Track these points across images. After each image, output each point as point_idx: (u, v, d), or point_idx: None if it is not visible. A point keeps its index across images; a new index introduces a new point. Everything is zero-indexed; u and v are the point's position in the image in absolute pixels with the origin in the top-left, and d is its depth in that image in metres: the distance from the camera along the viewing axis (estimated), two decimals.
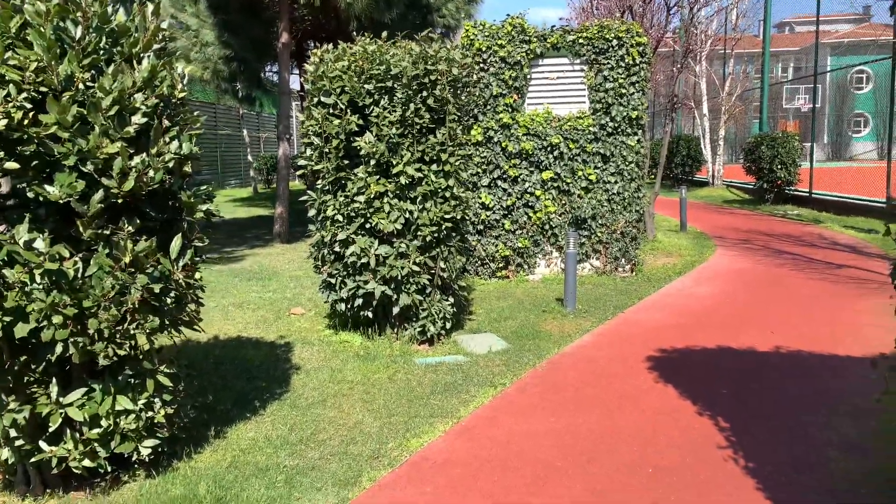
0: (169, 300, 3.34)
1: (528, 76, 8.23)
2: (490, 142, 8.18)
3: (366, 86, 5.48)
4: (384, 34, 5.65)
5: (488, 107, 8.15)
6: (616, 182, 8.30)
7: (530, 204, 8.24)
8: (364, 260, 5.47)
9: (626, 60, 8.14)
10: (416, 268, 5.50)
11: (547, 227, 8.29)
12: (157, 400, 3.37)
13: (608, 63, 8.15)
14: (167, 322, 3.38)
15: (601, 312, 6.71)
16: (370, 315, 5.72)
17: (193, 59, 14.50)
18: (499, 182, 8.22)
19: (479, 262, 8.32)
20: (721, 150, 21.48)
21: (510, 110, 8.16)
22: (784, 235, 11.63)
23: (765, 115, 19.37)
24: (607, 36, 8.10)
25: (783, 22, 46.51)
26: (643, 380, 4.85)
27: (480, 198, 8.18)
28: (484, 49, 8.07)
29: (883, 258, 9.23)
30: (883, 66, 37.80)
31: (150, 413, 3.33)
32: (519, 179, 8.22)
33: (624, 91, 8.17)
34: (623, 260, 8.44)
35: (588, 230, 8.32)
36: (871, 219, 13.16)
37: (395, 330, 5.85)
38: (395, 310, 5.63)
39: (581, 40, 8.16)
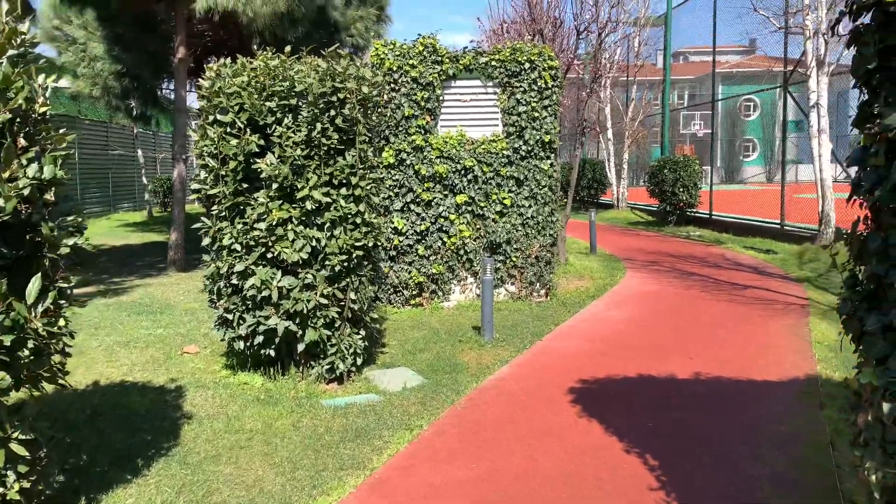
0: (25, 353, 2.80)
1: (441, 98, 8.00)
2: (402, 164, 7.87)
3: (267, 103, 5.06)
4: (287, 49, 5.25)
5: (400, 128, 7.85)
6: (530, 206, 8.17)
7: (444, 228, 7.98)
8: (265, 293, 5.00)
9: (539, 84, 8.06)
10: (323, 300, 5.09)
11: (462, 252, 8.04)
12: (9, 473, 2.81)
13: (521, 86, 8.04)
14: (23, 378, 2.84)
15: (519, 341, 6.48)
16: (272, 354, 5.24)
17: (81, 75, 13.48)
18: (412, 206, 7.92)
19: (391, 290, 7.96)
20: (625, 174, 22.10)
21: (423, 132, 7.90)
22: (689, 256, 11.91)
23: (666, 139, 20.08)
24: (520, 59, 8.00)
25: (678, 52, 48.83)
26: (566, 414, 4.62)
27: (393, 222, 7.84)
28: (395, 69, 7.79)
29: (784, 278, 9.53)
30: (769, 95, 40.46)
31: (0, 490, 2.77)
32: (433, 203, 7.94)
33: (537, 114, 8.08)
34: (538, 284, 8.30)
35: (503, 255, 8.14)
36: (767, 239, 13.73)
37: (301, 368, 5.39)
38: (301, 347, 5.18)
39: (494, 62, 8.03)
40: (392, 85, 7.80)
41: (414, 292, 7.99)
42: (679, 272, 10.30)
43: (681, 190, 16.62)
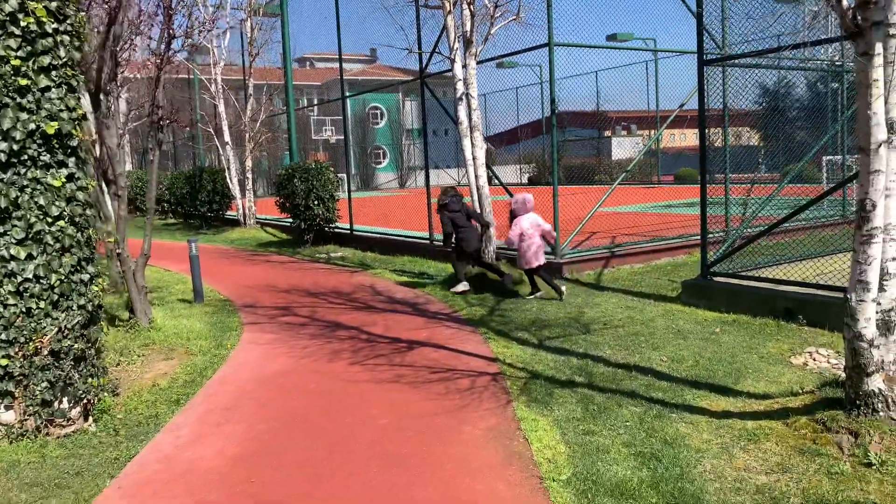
0: None
1: None
2: None
3: None
4: None
5: None
6: (32, 257, 4.27)
7: None
8: None
9: (26, 25, 4.19)
10: None
11: None
12: None
13: None
14: None
15: None
16: None
17: None
18: None
19: None
20: (250, 185, 18.66)
21: None
22: (333, 293, 9.03)
23: (294, 144, 17.20)
24: None
25: (303, 57, 47.28)
26: None
27: None
28: None
29: (453, 320, 7.14)
30: (394, 103, 41.00)
31: None
32: None
33: (27, 83, 4.21)
34: (64, 401, 4.44)
35: None
36: (417, 257, 11.67)
37: None
38: None
39: None
40: None
41: None
42: (321, 325, 7.27)
43: (316, 203, 13.85)
